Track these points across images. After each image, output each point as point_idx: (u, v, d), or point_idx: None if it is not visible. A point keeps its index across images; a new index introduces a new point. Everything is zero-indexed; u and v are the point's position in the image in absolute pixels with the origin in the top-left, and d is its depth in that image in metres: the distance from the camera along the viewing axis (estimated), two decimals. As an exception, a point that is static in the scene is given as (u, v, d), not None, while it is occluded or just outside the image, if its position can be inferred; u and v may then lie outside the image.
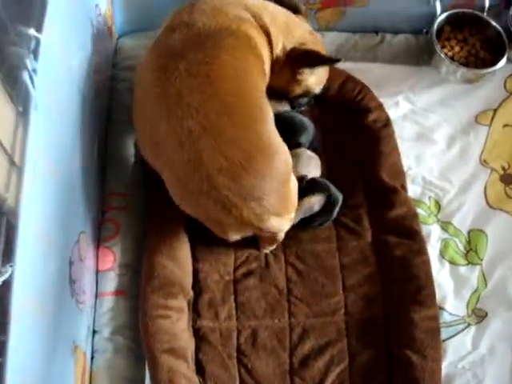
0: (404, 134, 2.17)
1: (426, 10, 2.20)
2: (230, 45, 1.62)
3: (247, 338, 1.79)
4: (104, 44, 1.96)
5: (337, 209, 1.92)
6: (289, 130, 1.91)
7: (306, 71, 1.90)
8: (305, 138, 2.03)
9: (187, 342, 1.71)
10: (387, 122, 2.10)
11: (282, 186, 1.62)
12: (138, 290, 1.77)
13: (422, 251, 1.90)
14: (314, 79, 1.97)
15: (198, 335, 1.77)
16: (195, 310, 1.81)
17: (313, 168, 1.98)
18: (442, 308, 1.87)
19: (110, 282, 1.81)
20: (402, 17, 2.26)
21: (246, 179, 1.49)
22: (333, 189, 1.91)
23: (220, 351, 1.75)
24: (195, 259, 1.88)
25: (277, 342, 1.79)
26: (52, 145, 1.33)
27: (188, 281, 1.81)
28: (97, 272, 1.80)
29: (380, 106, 2.12)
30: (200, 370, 1.71)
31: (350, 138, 2.13)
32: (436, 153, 2.16)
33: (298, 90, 1.98)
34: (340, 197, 1.91)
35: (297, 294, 1.86)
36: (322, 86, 2.03)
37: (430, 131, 2.19)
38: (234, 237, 1.72)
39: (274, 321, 1.82)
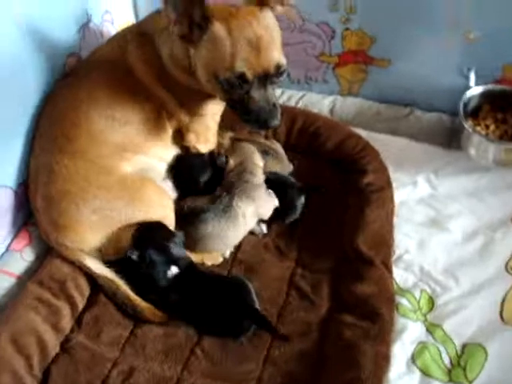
0: (413, 217, 1.88)
1: (463, 85, 1.95)
2: None
3: (120, 373, 1.49)
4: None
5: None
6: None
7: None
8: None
9: (42, 343, 1.48)
10: (384, 188, 1.83)
11: None
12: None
13: (380, 339, 1.51)
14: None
15: (65, 347, 1.53)
16: (79, 320, 1.59)
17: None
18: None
19: (11, 262, 1.69)
20: (432, 88, 2.04)
21: None
22: None
23: (80, 373, 1.47)
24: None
25: (152, 392, 1.48)
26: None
27: (78, 284, 1.61)
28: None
29: (381, 170, 1.87)
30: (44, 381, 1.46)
31: (339, 198, 1.87)
32: (447, 243, 1.80)
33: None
34: None
35: (205, 347, 1.55)
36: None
37: (445, 219, 1.86)
38: None
39: (163, 367, 1.51)
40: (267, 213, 1.78)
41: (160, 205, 1.70)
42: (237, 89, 1.46)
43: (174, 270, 1.60)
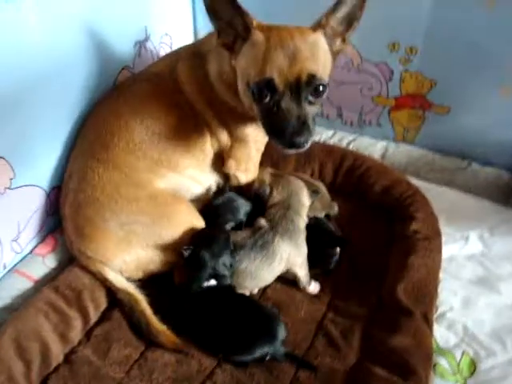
0: (462, 274, 1.73)
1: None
2: None
3: (124, 395, 1.39)
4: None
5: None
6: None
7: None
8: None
9: (46, 350, 1.40)
10: (431, 237, 1.70)
11: None
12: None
13: (412, 398, 1.35)
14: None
15: (69, 358, 1.44)
16: (89, 333, 1.51)
17: None
18: None
19: (32, 265, 1.65)
20: (491, 142, 1.94)
21: None
22: None
23: (80, 390, 1.37)
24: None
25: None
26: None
27: (95, 297, 1.54)
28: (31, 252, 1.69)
29: (430, 219, 1.76)
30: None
31: (382, 243, 1.76)
32: (496, 305, 1.64)
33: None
34: None
35: (217, 382, 1.41)
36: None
37: (496, 280, 1.70)
38: None
39: (170, 395, 1.39)
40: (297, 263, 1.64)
41: (190, 224, 1.63)
42: (266, 97, 1.38)
43: (212, 282, 1.51)
